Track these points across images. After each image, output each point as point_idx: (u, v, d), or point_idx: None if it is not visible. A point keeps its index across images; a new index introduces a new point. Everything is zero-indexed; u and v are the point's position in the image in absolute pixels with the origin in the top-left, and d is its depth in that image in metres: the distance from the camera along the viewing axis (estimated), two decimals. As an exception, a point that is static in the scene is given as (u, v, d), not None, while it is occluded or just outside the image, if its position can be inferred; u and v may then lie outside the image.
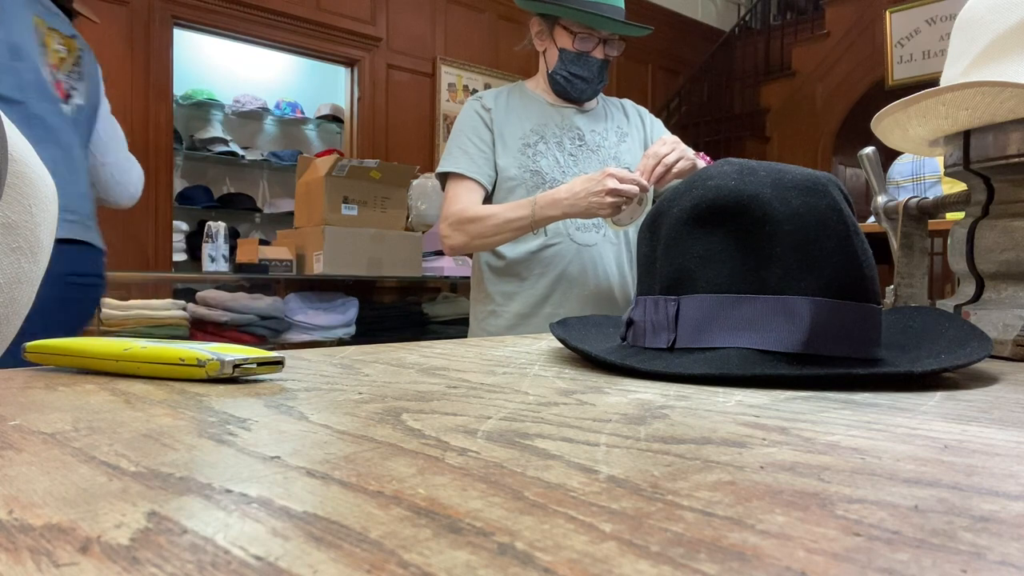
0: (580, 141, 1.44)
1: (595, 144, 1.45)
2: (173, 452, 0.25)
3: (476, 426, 0.30)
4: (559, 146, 1.42)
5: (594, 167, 1.41)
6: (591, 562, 0.16)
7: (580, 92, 1.41)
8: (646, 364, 0.45)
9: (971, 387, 0.42)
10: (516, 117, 1.42)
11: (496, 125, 1.40)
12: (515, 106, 1.44)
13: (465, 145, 1.40)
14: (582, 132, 1.45)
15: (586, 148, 1.44)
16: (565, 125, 1.44)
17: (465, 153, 1.39)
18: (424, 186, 3.21)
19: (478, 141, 1.40)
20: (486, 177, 1.38)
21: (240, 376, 0.41)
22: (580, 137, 1.44)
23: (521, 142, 1.40)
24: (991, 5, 0.62)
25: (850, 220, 0.45)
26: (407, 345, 0.65)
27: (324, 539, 0.17)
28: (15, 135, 0.37)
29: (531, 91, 1.48)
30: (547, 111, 1.44)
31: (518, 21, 4.54)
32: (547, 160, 1.39)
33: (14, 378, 0.43)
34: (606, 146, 1.46)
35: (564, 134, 1.43)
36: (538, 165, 1.39)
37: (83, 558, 0.16)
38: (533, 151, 1.40)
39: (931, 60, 4.59)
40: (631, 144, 1.50)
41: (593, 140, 1.45)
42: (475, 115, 1.42)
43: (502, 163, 1.39)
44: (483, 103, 1.43)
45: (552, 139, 1.42)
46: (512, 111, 1.43)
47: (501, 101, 1.44)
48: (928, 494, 0.21)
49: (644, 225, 0.53)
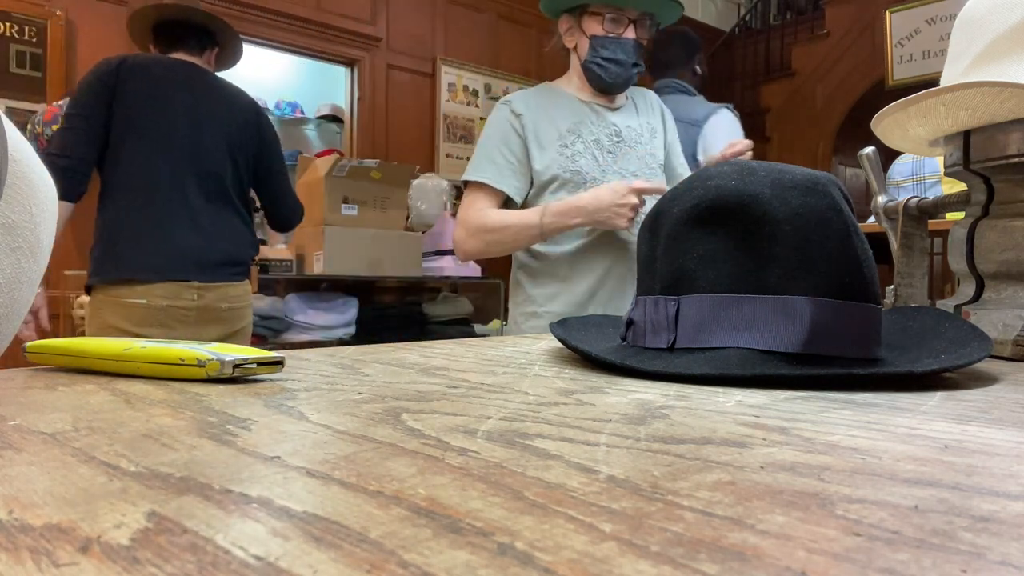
0: (617, 138, 1.40)
1: (632, 140, 1.42)
2: (173, 452, 0.25)
3: (476, 426, 0.30)
4: (596, 144, 1.38)
5: (634, 164, 1.40)
6: (591, 562, 0.16)
7: (615, 77, 1.37)
8: (646, 364, 0.45)
9: (971, 387, 0.42)
10: (549, 117, 1.38)
11: (529, 130, 1.37)
12: (546, 106, 1.40)
13: (493, 155, 1.37)
14: (618, 128, 1.41)
15: (624, 145, 1.41)
16: (600, 123, 1.40)
17: (492, 163, 1.37)
18: (424, 186, 3.21)
19: (506, 151, 1.37)
20: (512, 188, 1.35)
21: (240, 376, 0.41)
22: (617, 134, 1.41)
23: (558, 143, 1.36)
24: (991, 5, 0.62)
25: (850, 220, 0.45)
26: (407, 345, 0.65)
27: (324, 539, 0.17)
28: (15, 135, 0.37)
29: (562, 90, 1.44)
30: (580, 109, 1.40)
31: (518, 21, 4.54)
32: (586, 159, 1.36)
33: (14, 378, 0.43)
34: (642, 142, 1.43)
35: (601, 131, 1.39)
36: (577, 165, 1.35)
37: (83, 558, 0.16)
38: (571, 151, 1.36)
39: (931, 60, 4.59)
40: (660, 141, 1.48)
41: (630, 136, 1.42)
42: (505, 123, 1.38)
43: (540, 165, 1.35)
44: (512, 108, 1.39)
45: (589, 137, 1.38)
46: (544, 111, 1.39)
47: (532, 103, 1.40)
48: (928, 494, 0.21)
49: (644, 225, 0.53)
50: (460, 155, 4.22)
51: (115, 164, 1.65)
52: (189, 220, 1.68)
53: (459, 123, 4.28)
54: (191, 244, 1.68)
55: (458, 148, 4.25)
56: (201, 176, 1.72)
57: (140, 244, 1.63)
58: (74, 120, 1.62)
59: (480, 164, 1.37)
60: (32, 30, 2.97)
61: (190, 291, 1.67)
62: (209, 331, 1.72)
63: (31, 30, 2.97)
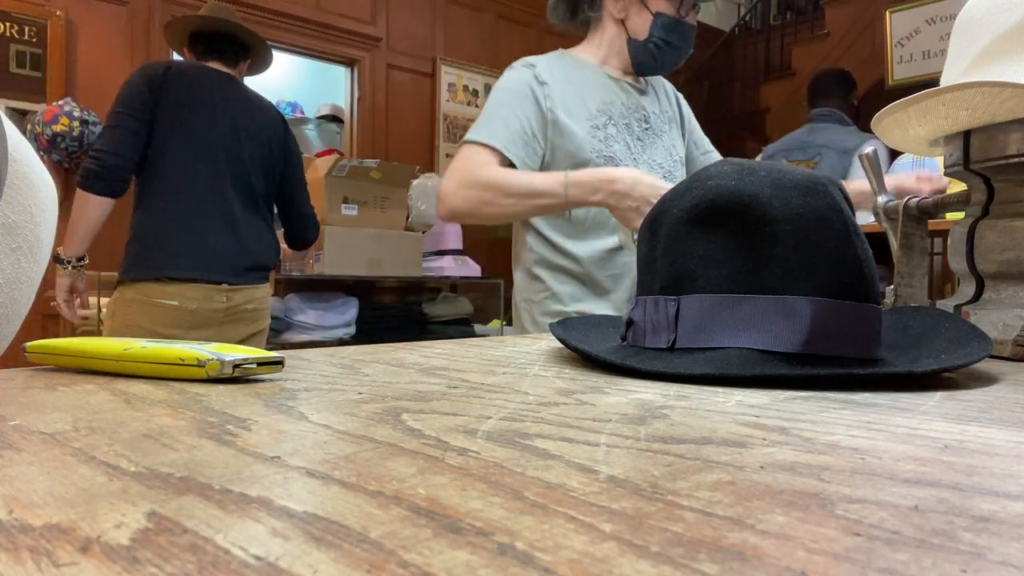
0: (646, 124, 1.27)
1: (659, 128, 1.29)
2: (173, 452, 0.25)
3: (476, 426, 0.30)
4: (627, 129, 1.24)
5: (661, 155, 1.27)
6: (591, 562, 0.16)
7: (667, 64, 1.26)
8: (646, 364, 0.45)
9: (971, 387, 0.42)
10: (577, 93, 1.21)
11: (557, 103, 1.18)
12: (573, 80, 1.22)
13: (507, 117, 1.17)
14: (647, 114, 1.27)
15: (652, 132, 1.27)
16: (631, 105, 1.26)
17: (506, 127, 1.16)
18: (424, 186, 3.21)
19: (523, 118, 1.17)
20: (520, 160, 1.16)
21: (240, 376, 0.41)
22: (646, 119, 1.27)
23: (589, 123, 1.19)
24: (991, 5, 0.62)
25: (850, 220, 0.45)
26: (407, 345, 0.65)
27: (324, 539, 0.17)
28: (15, 135, 0.37)
29: (586, 61, 1.27)
30: (609, 87, 1.25)
31: (518, 21, 4.55)
32: (619, 145, 1.21)
33: (14, 378, 0.43)
34: (666, 131, 1.30)
35: (631, 115, 1.25)
36: (612, 151, 1.19)
37: (83, 558, 0.16)
38: (604, 134, 1.20)
39: (931, 60, 4.59)
40: (679, 132, 1.36)
41: (657, 124, 1.29)
42: (526, 87, 1.19)
43: (572, 145, 1.17)
44: (537, 74, 1.20)
45: (620, 120, 1.23)
46: (572, 84, 1.21)
47: (556, 72, 1.22)
48: (928, 494, 0.21)
49: (644, 225, 0.53)
50: (460, 155, 4.21)
51: (156, 165, 1.70)
52: (225, 224, 1.73)
53: (459, 123, 4.28)
54: (226, 248, 1.73)
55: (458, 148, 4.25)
56: (237, 183, 1.77)
57: (178, 245, 1.67)
58: (124, 119, 1.67)
59: (490, 125, 1.17)
60: (32, 30, 2.97)
61: (220, 294, 1.72)
62: (234, 331, 1.76)
63: (31, 30, 2.97)
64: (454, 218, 1.20)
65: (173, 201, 1.69)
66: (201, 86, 1.76)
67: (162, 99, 1.70)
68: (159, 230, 1.67)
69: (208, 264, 1.69)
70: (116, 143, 1.64)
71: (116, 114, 1.68)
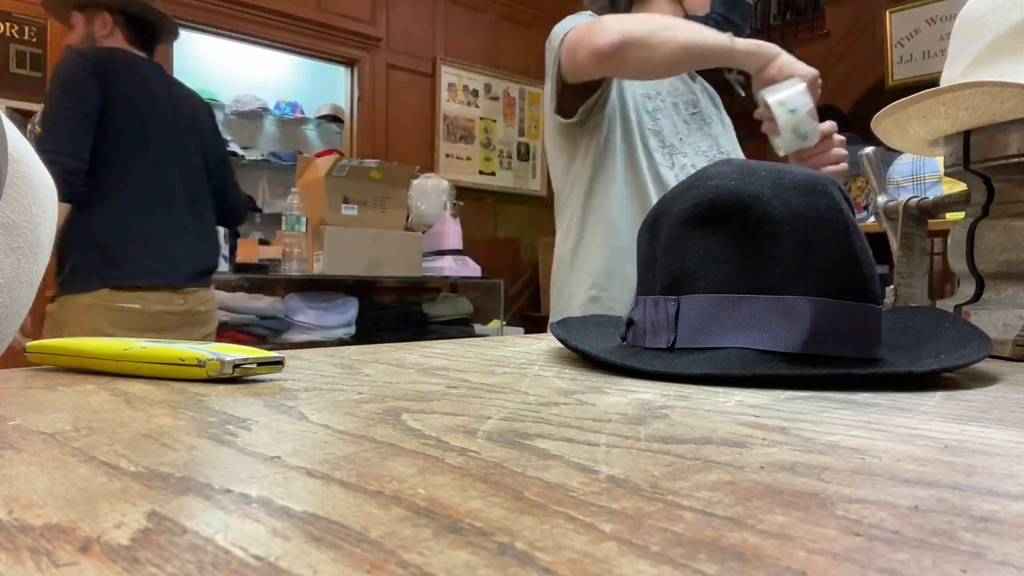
0: (694, 109, 1.19)
1: (708, 117, 1.21)
2: (173, 452, 0.25)
3: (476, 426, 0.30)
4: (675, 108, 1.17)
5: (706, 143, 1.19)
6: (591, 562, 0.16)
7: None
8: (646, 364, 0.45)
9: (971, 387, 0.42)
10: None
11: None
12: None
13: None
14: (695, 99, 1.20)
15: (699, 118, 1.19)
16: (682, 85, 1.19)
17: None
18: (424, 186, 3.21)
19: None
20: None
21: (240, 376, 0.41)
22: (694, 104, 1.19)
23: (641, 92, 1.12)
24: (991, 5, 0.62)
25: (850, 220, 0.45)
26: (407, 345, 0.65)
27: (324, 539, 0.17)
28: (15, 135, 0.37)
29: None
30: None
31: (518, 21, 4.54)
32: (668, 122, 1.14)
33: (14, 378, 0.43)
34: (712, 123, 1.22)
35: (679, 97, 1.18)
36: (659, 125, 1.12)
37: (83, 558, 0.16)
38: (653, 104, 1.14)
39: (931, 60, 4.59)
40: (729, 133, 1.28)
41: (707, 112, 1.21)
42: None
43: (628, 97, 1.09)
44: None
45: (669, 99, 1.16)
46: None
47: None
48: (928, 494, 0.21)
49: (644, 225, 0.53)
50: (460, 155, 4.21)
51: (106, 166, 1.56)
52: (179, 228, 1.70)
53: (459, 123, 4.28)
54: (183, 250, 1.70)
55: (458, 148, 4.25)
56: (187, 180, 1.74)
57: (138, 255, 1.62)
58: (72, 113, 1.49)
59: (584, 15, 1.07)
60: (32, 30, 2.97)
61: (179, 296, 1.69)
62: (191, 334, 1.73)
63: (31, 30, 2.97)
64: (613, 47, 0.96)
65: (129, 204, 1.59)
66: (145, 80, 1.66)
67: (111, 93, 1.55)
68: (116, 237, 1.58)
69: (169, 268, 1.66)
70: (71, 142, 1.47)
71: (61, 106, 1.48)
